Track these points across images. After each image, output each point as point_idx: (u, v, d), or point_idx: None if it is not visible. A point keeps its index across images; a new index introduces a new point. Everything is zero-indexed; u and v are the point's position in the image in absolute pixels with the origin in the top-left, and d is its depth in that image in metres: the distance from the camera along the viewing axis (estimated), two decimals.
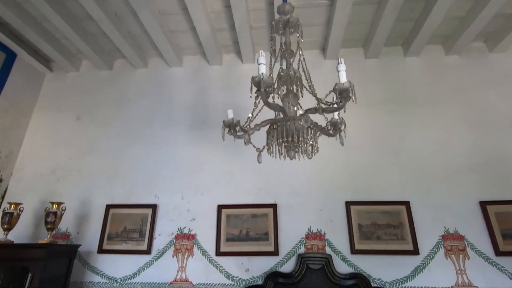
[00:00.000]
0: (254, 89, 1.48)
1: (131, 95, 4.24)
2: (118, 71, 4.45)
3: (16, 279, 3.08)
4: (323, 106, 1.59)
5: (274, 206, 3.42)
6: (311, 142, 1.62)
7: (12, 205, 3.21)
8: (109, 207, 3.59)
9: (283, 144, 1.65)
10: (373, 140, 3.68)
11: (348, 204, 3.36)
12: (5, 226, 3.14)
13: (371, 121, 3.77)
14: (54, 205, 3.23)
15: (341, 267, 3.14)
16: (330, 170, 3.56)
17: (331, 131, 1.81)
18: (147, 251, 3.35)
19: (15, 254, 2.91)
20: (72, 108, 4.23)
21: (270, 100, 1.58)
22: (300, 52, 1.87)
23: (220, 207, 3.47)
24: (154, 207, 3.54)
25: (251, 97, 1.46)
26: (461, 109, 3.74)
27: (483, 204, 3.22)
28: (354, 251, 3.18)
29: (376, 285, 3.04)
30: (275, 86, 1.76)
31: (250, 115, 1.82)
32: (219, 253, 3.28)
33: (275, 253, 3.23)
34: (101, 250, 3.41)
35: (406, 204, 3.30)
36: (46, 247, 2.86)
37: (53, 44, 3.96)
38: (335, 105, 1.52)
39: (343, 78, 1.54)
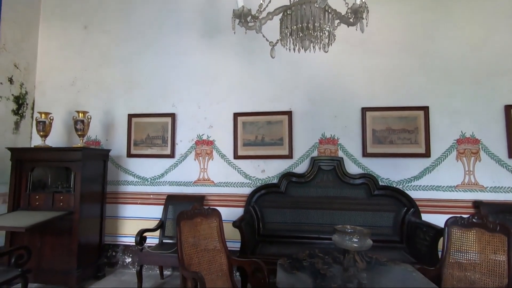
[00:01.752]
0: None
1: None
2: None
3: (63, 177, 3.54)
4: None
5: (289, 113, 3.46)
6: (328, 29, 1.49)
7: (43, 114, 3.43)
8: (131, 116, 3.77)
9: (298, 34, 1.53)
10: (398, 41, 3.37)
11: (364, 110, 3.33)
12: (41, 133, 3.43)
13: (398, 20, 3.38)
14: (80, 114, 3.43)
15: (352, 169, 3.32)
16: (348, 75, 3.42)
17: (351, 20, 1.64)
18: (171, 155, 3.65)
19: (56, 156, 3.26)
20: (77, 16, 4.02)
21: None
22: None
23: (236, 115, 3.55)
24: (173, 116, 3.68)
25: None
26: (509, 2, 3.23)
27: (508, 108, 3.09)
28: (365, 154, 3.30)
29: (384, 184, 3.26)
30: None
31: (261, 1, 1.65)
32: (236, 156, 3.52)
33: (289, 156, 3.42)
34: (130, 155, 3.75)
35: (425, 109, 3.23)
36: (80, 150, 3.16)
37: None
38: None
39: None
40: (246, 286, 2.64)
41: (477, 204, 3.04)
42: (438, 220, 2.81)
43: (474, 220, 2.15)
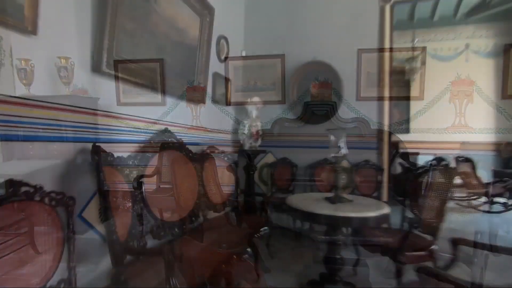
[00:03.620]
0: None
1: None
2: None
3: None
4: None
5: (282, 57, 3.32)
6: None
7: (23, 61, 3.22)
8: (116, 62, 3.58)
9: None
10: None
11: (360, 51, 3.21)
12: (24, 82, 3.24)
13: None
14: (62, 60, 3.22)
15: (345, 113, 3.33)
16: (345, 15, 3.21)
17: None
18: (162, 103, 3.58)
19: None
20: None
21: None
22: None
23: (228, 60, 3.40)
24: (161, 62, 3.51)
25: None
26: None
27: (508, 47, 3.00)
28: (359, 98, 3.28)
29: (375, 127, 3.29)
30: None
31: None
32: (229, 102, 3.47)
33: (282, 101, 3.38)
34: (120, 103, 3.65)
35: (423, 49, 3.12)
36: (69, 98, 3.07)
37: None
38: None
39: None
40: (241, 223, 2.82)
41: (464, 144, 3.13)
42: (426, 160, 2.91)
43: (459, 159, 2.24)
